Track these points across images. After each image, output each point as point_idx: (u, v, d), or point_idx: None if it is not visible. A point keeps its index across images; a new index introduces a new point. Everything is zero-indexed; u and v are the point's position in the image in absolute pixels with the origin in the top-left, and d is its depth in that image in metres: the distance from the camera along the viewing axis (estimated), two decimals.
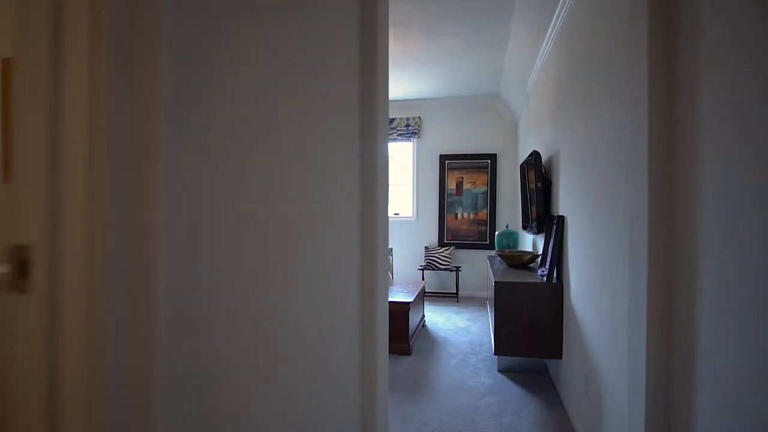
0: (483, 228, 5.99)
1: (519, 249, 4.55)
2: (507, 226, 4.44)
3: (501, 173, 5.98)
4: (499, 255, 3.71)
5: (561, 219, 2.78)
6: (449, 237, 6.09)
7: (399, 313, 3.64)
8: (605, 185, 1.89)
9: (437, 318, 4.87)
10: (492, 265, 4.04)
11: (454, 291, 5.93)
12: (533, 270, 3.47)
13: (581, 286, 2.32)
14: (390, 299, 3.70)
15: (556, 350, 2.77)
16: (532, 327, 2.81)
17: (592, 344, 2.06)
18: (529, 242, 4.37)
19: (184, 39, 0.65)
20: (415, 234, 6.25)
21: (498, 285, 2.87)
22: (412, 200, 6.29)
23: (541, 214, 3.18)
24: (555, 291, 2.79)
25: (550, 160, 3.25)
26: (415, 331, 3.97)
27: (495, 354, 2.89)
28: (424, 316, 4.65)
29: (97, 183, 0.54)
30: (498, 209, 5.98)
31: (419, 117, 6.14)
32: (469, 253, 6.06)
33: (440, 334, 4.28)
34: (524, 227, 4.15)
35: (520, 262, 3.58)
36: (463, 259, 6.07)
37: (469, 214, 6.03)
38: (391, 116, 6.22)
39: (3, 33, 0.99)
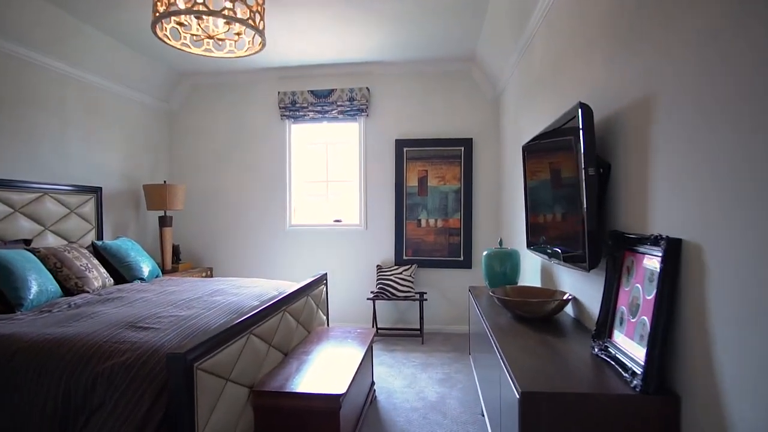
0: (456, 239, 4.40)
1: (522, 282, 2.98)
2: (501, 243, 2.85)
3: (479, 165, 4.42)
4: (499, 299, 2.10)
5: (674, 247, 1.19)
6: (410, 252, 4.46)
7: (322, 416, 1.94)
8: None
9: (394, 380, 3.21)
10: (479, 306, 2.44)
11: (417, 327, 4.31)
12: (563, 330, 1.90)
13: None
14: (305, 390, 2.00)
15: None
16: None
17: None
18: (535, 268, 2.81)
19: None
20: (363, 249, 4.57)
21: (529, 400, 1.24)
22: (359, 202, 4.61)
23: (594, 229, 1.60)
24: (660, 417, 1.20)
25: (610, 123, 1.68)
26: (355, 430, 2.29)
27: None
28: (373, 383, 2.98)
29: None
30: (476, 214, 4.42)
31: (367, 88, 4.48)
32: (437, 273, 4.46)
33: (398, 419, 2.63)
34: (532, 246, 2.58)
35: (540, 313, 1.99)
36: (429, 282, 4.46)
37: (436, 220, 4.43)
38: (328, 86, 4.52)
39: None
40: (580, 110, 1.60)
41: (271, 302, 2.31)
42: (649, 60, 1.37)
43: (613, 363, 1.42)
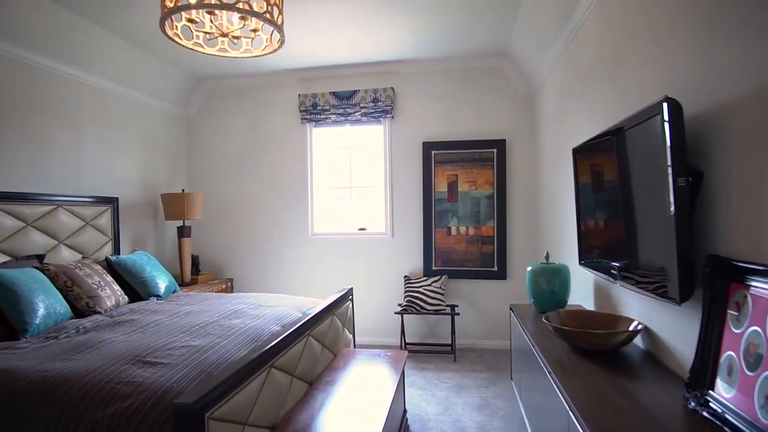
0: (489, 248, 4.10)
1: (571, 301, 2.66)
2: (547, 257, 2.56)
3: (513, 168, 4.11)
4: (554, 327, 1.82)
5: None
6: (439, 262, 4.19)
7: None
8: None
9: (427, 406, 2.94)
10: (526, 330, 2.16)
11: (448, 342, 4.03)
12: (636, 369, 1.60)
13: None
14: None
15: None
16: None
17: None
18: (587, 286, 2.50)
19: None
20: (390, 258, 4.32)
21: None
22: (384, 209, 4.36)
23: (686, 253, 1.30)
24: None
25: (701, 123, 1.38)
26: None
27: None
28: (405, 411, 2.72)
29: None
30: (511, 221, 4.11)
31: (392, 88, 4.23)
32: (469, 284, 4.17)
33: None
34: (584, 261, 2.27)
35: (606, 345, 1.70)
36: (461, 294, 4.17)
37: (467, 228, 4.14)
38: (351, 87, 4.29)
39: None
40: (665, 105, 1.31)
41: (294, 327, 2.08)
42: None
43: (722, 425, 1.12)
